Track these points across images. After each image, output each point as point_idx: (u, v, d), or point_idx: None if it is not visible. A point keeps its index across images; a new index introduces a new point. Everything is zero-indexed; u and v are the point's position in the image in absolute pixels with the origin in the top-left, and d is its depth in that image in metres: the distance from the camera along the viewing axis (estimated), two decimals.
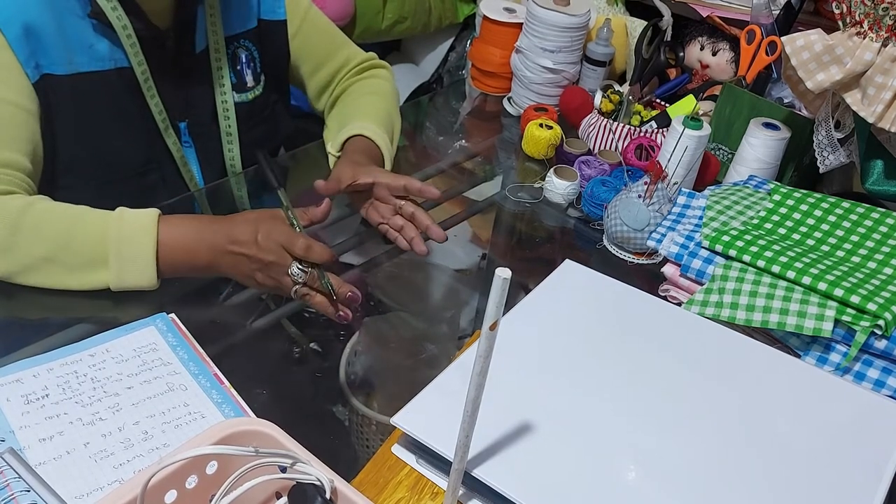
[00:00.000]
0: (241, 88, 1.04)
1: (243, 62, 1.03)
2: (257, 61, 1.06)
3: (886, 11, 0.83)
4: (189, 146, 1.01)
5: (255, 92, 1.06)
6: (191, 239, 0.81)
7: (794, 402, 0.70)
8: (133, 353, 0.75)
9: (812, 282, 0.78)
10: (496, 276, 0.45)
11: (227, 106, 1.02)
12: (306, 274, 0.79)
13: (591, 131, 1.17)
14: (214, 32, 0.98)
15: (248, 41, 1.04)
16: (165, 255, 0.80)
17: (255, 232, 0.80)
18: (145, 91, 0.92)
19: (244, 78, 1.04)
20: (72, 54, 0.86)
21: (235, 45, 1.02)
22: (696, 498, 0.60)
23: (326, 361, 0.83)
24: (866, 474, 0.62)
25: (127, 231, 0.79)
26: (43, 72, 0.85)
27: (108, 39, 0.88)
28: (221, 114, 1.02)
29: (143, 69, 0.91)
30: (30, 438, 0.64)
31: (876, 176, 0.95)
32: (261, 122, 1.08)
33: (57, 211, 0.80)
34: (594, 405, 0.68)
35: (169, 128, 0.96)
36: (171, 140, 0.97)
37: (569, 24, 1.22)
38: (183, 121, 0.99)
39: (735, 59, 1.22)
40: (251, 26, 1.03)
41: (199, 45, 0.98)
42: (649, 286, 0.88)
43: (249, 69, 1.05)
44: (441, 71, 1.75)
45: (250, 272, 0.81)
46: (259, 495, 0.55)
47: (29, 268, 0.78)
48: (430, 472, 0.65)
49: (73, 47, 0.86)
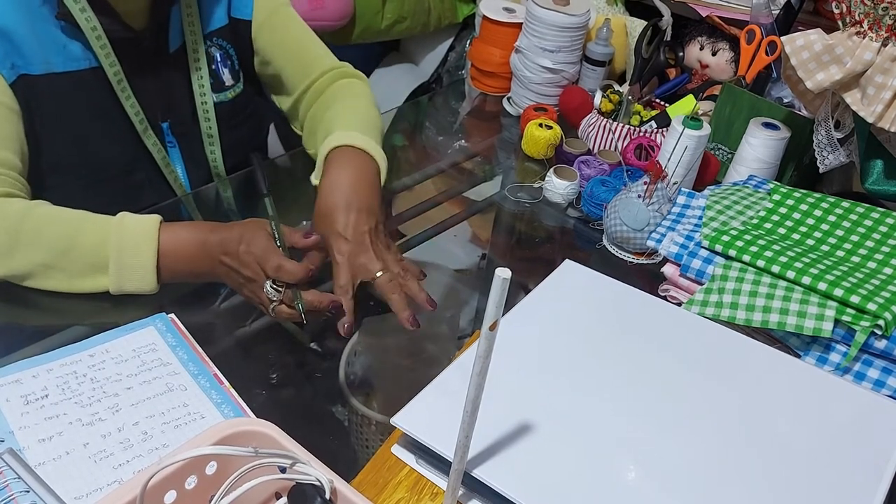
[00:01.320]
0: (219, 88, 1.03)
1: (218, 61, 1.02)
2: (234, 60, 1.05)
3: (886, 11, 0.83)
4: (174, 146, 1.01)
5: (235, 91, 1.05)
6: (191, 247, 0.81)
7: (794, 402, 0.70)
8: (132, 353, 0.75)
9: (812, 282, 0.78)
10: (496, 276, 0.45)
11: (206, 107, 1.01)
12: (280, 293, 0.77)
13: (591, 131, 1.17)
14: (192, 32, 0.97)
15: (221, 39, 1.02)
16: (166, 262, 0.80)
17: (239, 243, 0.79)
18: (119, 92, 0.91)
19: (221, 77, 1.03)
20: (47, 55, 0.86)
21: (209, 44, 1.01)
22: (695, 498, 0.60)
23: (326, 361, 0.83)
24: (866, 474, 0.62)
25: (128, 238, 0.79)
26: (20, 72, 0.84)
27: (79, 41, 0.87)
28: (202, 115, 1.01)
29: (115, 70, 0.90)
30: (29, 439, 0.64)
31: (876, 176, 0.95)
32: (243, 121, 1.08)
33: (57, 216, 0.80)
34: (594, 405, 0.68)
35: (148, 129, 0.96)
36: (151, 141, 0.97)
37: (568, 24, 1.22)
38: (165, 121, 0.99)
39: (735, 58, 1.22)
40: (223, 24, 1.02)
41: (173, 44, 0.97)
42: (649, 286, 0.88)
43: (227, 68, 1.04)
44: (440, 71, 1.75)
45: (238, 285, 0.81)
46: (259, 496, 0.55)
47: (29, 273, 0.78)
48: (429, 473, 0.65)
49: (48, 48, 0.86)
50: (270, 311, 0.79)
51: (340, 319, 0.80)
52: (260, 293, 0.78)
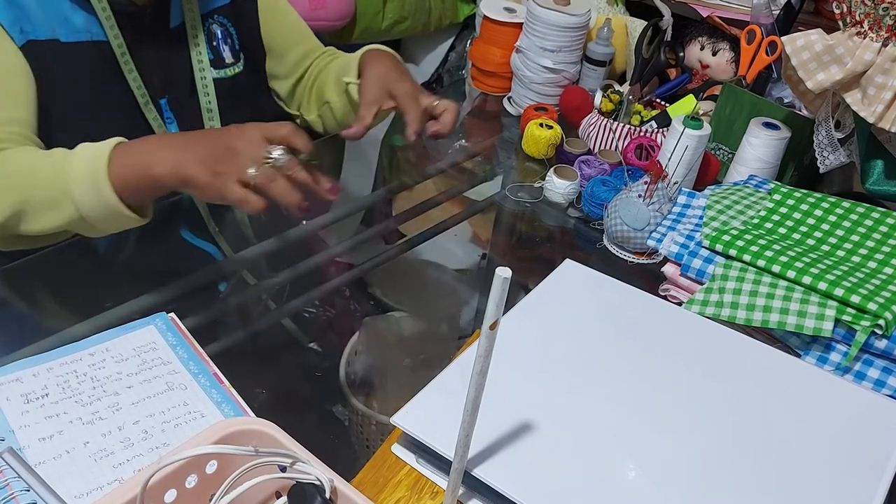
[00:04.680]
0: (220, 65, 1.04)
1: (219, 38, 1.03)
2: (234, 38, 1.06)
3: (886, 11, 0.83)
4: (171, 122, 1.01)
5: (235, 69, 1.06)
6: (150, 146, 0.78)
7: (794, 402, 0.70)
8: (133, 352, 0.75)
9: (812, 281, 0.78)
10: (496, 275, 0.45)
11: (206, 82, 1.02)
12: (285, 157, 0.74)
13: (592, 131, 1.17)
14: (190, 9, 0.98)
15: (223, 17, 1.04)
16: (119, 167, 0.76)
17: (230, 127, 0.78)
18: (122, 65, 0.92)
19: (221, 54, 1.04)
20: (52, 24, 0.87)
21: (210, 21, 1.02)
22: (695, 497, 0.60)
23: (326, 361, 0.83)
24: (866, 474, 0.62)
25: (82, 156, 0.78)
26: (28, 37, 0.85)
27: (84, 12, 0.88)
28: (201, 90, 1.02)
29: (118, 43, 0.91)
30: (29, 438, 0.64)
31: (876, 176, 0.95)
32: (243, 101, 1.08)
33: (24, 155, 0.80)
34: (594, 405, 0.68)
35: (149, 103, 0.96)
36: (152, 115, 0.97)
37: (569, 24, 1.22)
38: (163, 97, 0.99)
39: (735, 58, 1.22)
40: (224, 2, 1.04)
41: (174, 20, 0.98)
42: (649, 286, 0.88)
43: (227, 45, 1.04)
44: (441, 71, 1.75)
45: (211, 163, 0.74)
46: (259, 495, 0.55)
47: (12, 214, 0.79)
48: (429, 472, 0.65)
49: (52, 18, 0.87)
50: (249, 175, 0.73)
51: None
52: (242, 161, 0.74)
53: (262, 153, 0.74)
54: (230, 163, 0.74)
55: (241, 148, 0.74)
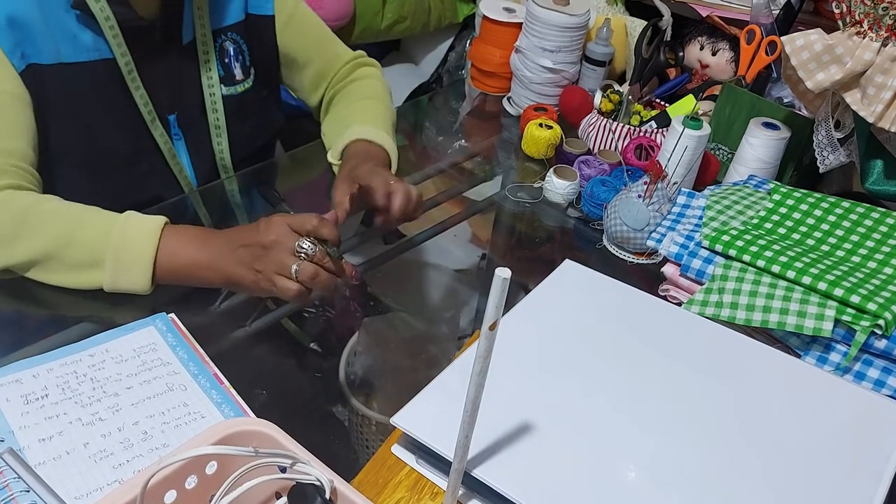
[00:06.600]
0: (230, 81, 1.04)
1: (231, 55, 1.03)
2: (246, 55, 1.06)
3: (886, 11, 0.83)
4: (179, 138, 1.01)
5: (245, 85, 1.06)
6: (195, 240, 0.80)
7: (794, 402, 0.70)
8: (133, 353, 0.75)
9: (812, 281, 0.78)
10: (496, 276, 0.45)
11: (214, 99, 1.02)
12: (315, 247, 0.77)
13: (591, 131, 1.17)
14: (202, 25, 0.98)
15: (235, 34, 1.04)
16: (164, 259, 0.79)
17: (258, 225, 0.79)
18: (129, 83, 0.92)
19: (232, 71, 1.04)
20: (57, 44, 0.87)
21: (223, 38, 1.02)
22: (695, 498, 0.60)
23: (326, 361, 0.83)
24: (866, 474, 0.62)
25: (130, 232, 0.79)
26: (29, 61, 0.85)
27: (91, 31, 0.88)
28: (210, 106, 1.02)
29: (126, 60, 0.91)
30: (29, 438, 0.64)
31: (876, 176, 0.95)
32: (251, 115, 1.08)
33: (65, 210, 0.81)
34: (594, 405, 0.68)
35: (156, 119, 0.96)
36: (159, 132, 0.97)
37: (568, 24, 1.22)
38: (172, 113, 0.99)
39: (735, 58, 1.22)
40: (239, 19, 1.03)
41: (187, 36, 0.98)
42: (649, 286, 0.88)
43: (238, 62, 1.05)
44: (441, 71, 1.75)
45: (250, 262, 0.78)
46: (259, 495, 0.55)
47: (29, 262, 0.79)
48: (429, 472, 0.65)
49: (58, 38, 0.86)
50: (293, 270, 0.77)
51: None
52: (284, 257, 0.77)
53: (293, 246, 0.77)
54: (265, 260, 0.77)
55: (272, 244, 0.77)
